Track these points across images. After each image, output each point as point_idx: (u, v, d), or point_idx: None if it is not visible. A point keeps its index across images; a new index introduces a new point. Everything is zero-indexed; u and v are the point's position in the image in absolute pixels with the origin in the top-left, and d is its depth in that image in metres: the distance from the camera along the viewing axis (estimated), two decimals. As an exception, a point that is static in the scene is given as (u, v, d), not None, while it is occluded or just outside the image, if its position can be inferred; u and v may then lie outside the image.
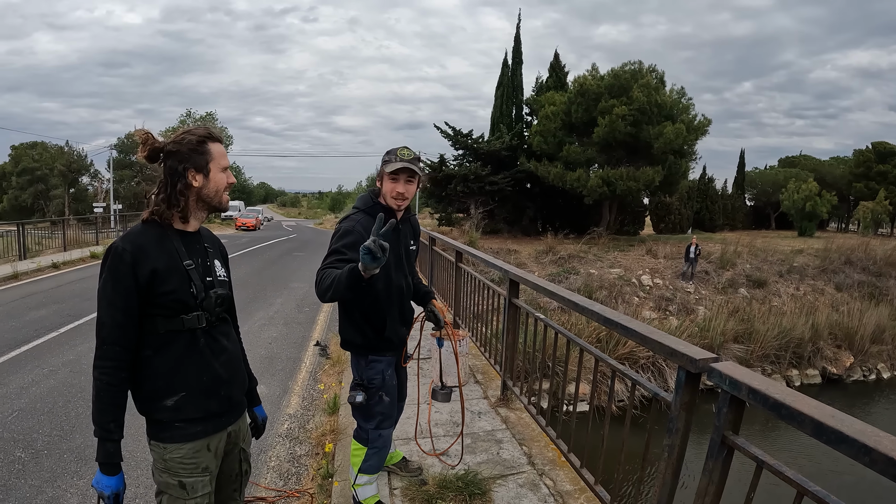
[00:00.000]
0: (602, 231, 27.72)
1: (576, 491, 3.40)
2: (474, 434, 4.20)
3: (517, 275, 4.78)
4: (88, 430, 4.58)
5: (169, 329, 1.99)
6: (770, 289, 22.53)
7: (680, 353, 2.30)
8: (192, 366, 2.03)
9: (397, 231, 2.88)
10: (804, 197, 38.94)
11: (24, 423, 4.76)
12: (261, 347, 7.21)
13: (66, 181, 50.72)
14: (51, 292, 10.74)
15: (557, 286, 4.16)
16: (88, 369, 6.09)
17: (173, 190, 2.01)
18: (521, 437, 4.15)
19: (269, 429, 4.68)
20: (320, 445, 4.30)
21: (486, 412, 4.69)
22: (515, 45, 30.42)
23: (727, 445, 2.05)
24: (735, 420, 2.06)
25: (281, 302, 10.15)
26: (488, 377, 5.60)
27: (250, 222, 37.99)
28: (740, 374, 1.98)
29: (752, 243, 26.51)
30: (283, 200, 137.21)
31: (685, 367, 2.26)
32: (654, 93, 25.02)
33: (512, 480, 3.52)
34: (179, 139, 2.06)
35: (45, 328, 7.86)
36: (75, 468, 4.04)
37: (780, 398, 1.76)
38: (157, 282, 1.93)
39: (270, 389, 5.69)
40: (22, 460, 4.14)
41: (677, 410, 2.31)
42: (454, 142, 29.31)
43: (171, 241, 2.02)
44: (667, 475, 2.37)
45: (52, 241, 18.21)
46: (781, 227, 46.13)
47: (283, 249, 21.70)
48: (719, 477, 2.09)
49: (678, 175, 27.82)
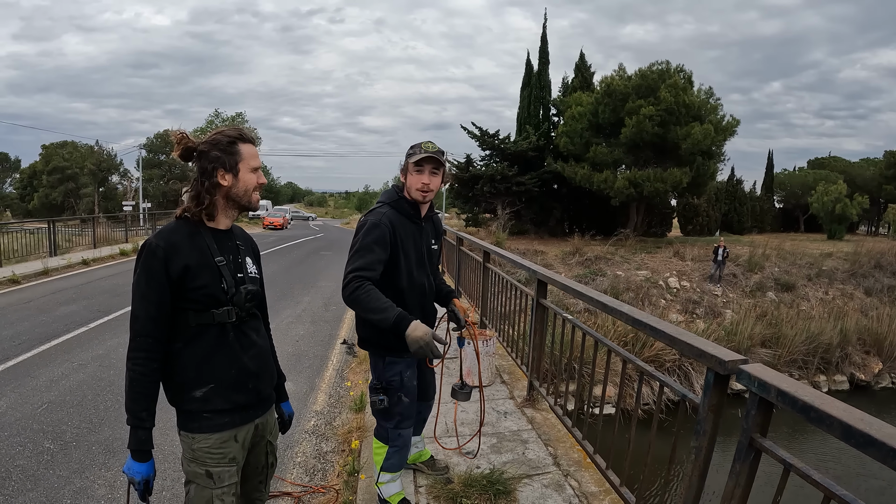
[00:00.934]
0: (629, 233, 27.45)
1: (601, 493, 3.37)
2: (500, 434, 4.17)
3: (545, 275, 4.72)
4: (117, 423, 4.63)
5: (199, 322, 2.04)
6: (798, 292, 22.17)
7: (709, 355, 2.26)
8: (222, 358, 2.07)
9: (420, 229, 2.93)
10: (833, 199, 38.22)
11: (53, 416, 4.82)
12: (288, 345, 7.23)
13: (95, 180, 51.71)
14: (81, 288, 10.91)
15: (586, 287, 4.11)
16: (118, 364, 6.21)
17: (201, 188, 2.08)
18: (546, 438, 4.11)
19: (295, 425, 4.70)
20: (346, 442, 4.29)
21: (511, 412, 4.65)
22: (542, 45, 30.31)
23: (755, 448, 2.03)
24: (763, 423, 2.03)
25: (308, 300, 10.19)
26: (514, 377, 5.56)
27: (278, 221, 38.29)
28: (769, 376, 1.96)
29: (780, 246, 26.12)
30: (309, 200, 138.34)
31: (714, 369, 2.23)
32: (682, 93, 24.73)
33: (537, 480, 3.50)
34: (211, 139, 2.12)
35: (75, 323, 7.98)
36: (103, 460, 4.07)
37: (810, 401, 1.74)
38: (188, 277, 1.99)
39: (298, 386, 5.70)
40: (51, 451, 4.19)
41: (705, 412, 2.29)
42: (481, 142, 29.28)
43: (203, 238, 2.08)
44: (693, 477, 2.35)
45: (81, 239, 18.54)
46: (810, 230, 45.30)
47: (310, 248, 21.83)
48: (746, 480, 2.07)
49: (706, 176, 27.46)
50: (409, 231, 2.86)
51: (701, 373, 12.76)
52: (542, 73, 30.21)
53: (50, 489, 3.68)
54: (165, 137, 54.58)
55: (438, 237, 3.14)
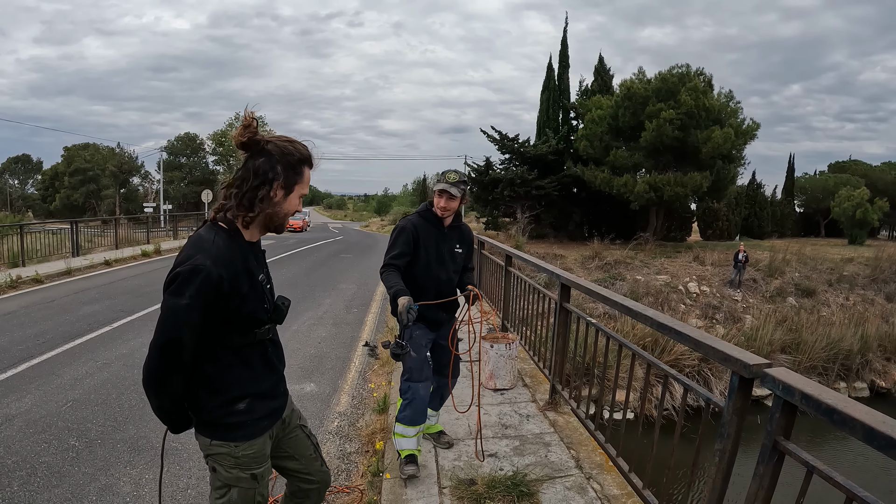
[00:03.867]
0: (649, 237, 27.24)
1: (623, 496, 3.39)
2: (522, 437, 4.19)
3: (569, 279, 4.72)
4: (142, 422, 4.66)
5: (244, 344, 2.01)
6: (819, 298, 21.90)
7: (734, 359, 2.29)
8: (264, 373, 2.09)
9: (443, 234, 3.63)
10: (855, 204, 37.73)
11: (78, 413, 4.87)
12: (310, 346, 7.26)
13: (116, 181, 52.37)
14: (103, 288, 11.03)
15: (609, 291, 4.10)
16: (141, 363, 6.22)
17: (254, 193, 1.94)
18: (568, 441, 4.12)
19: (319, 426, 4.73)
20: (370, 443, 4.30)
21: (534, 415, 4.66)
22: (562, 48, 30.21)
23: (778, 451, 2.07)
24: (787, 425, 2.07)
25: (330, 302, 10.21)
26: (536, 381, 5.56)
27: (297, 224, 38.44)
28: (793, 379, 2.00)
29: (800, 251, 25.83)
30: (329, 203, 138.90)
31: (738, 373, 2.27)
32: (702, 96, 24.53)
33: (559, 483, 3.51)
34: (284, 148, 1.99)
35: (99, 322, 8.06)
36: (128, 458, 4.10)
37: (833, 403, 1.79)
38: (242, 305, 1.94)
39: (321, 388, 5.72)
40: (76, 448, 4.22)
41: (729, 415, 2.33)
42: (500, 146, 29.23)
43: (249, 258, 1.99)
44: (717, 480, 2.39)
45: (102, 240, 18.77)
46: (831, 235, 44.75)
47: (330, 251, 21.91)
48: (769, 482, 2.11)
49: (726, 180, 27.23)
50: (432, 234, 3.58)
51: (720, 378, 12.67)
52: (562, 77, 30.11)
53: (76, 486, 3.72)
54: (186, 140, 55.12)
55: (464, 243, 3.76)
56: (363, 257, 19.96)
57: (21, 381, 5.62)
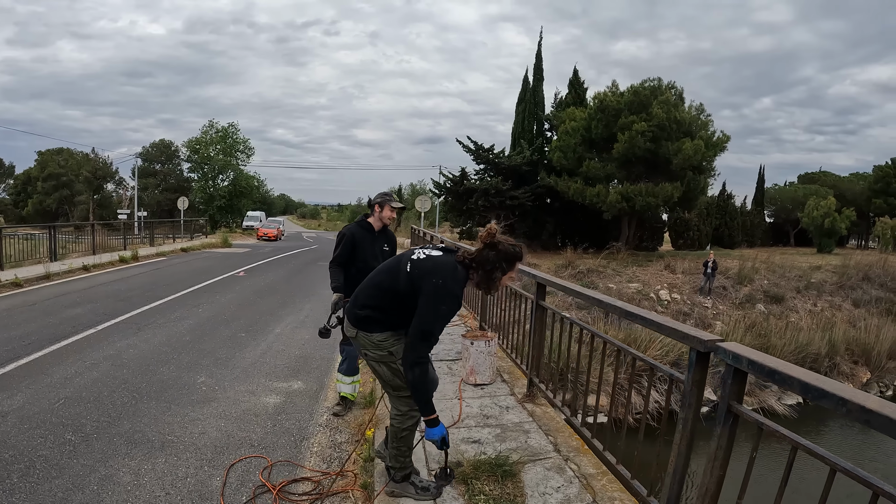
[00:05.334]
0: (621, 246, 27.72)
1: (598, 473, 3.66)
2: (503, 425, 4.45)
3: (544, 278, 5.03)
4: (136, 417, 4.82)
5: None
6: (787, 304, 22.53)
7: (691, 336, 2.64)
8: None
9: (374, 237, 5.00)
10: (823, 213, 38.75)
11: (71, 410, 4.98)
12: (295, 348, 7.43)
13: (90, 187, 51.73)
14: (84, 292, 11.06)
15: (581, 286, 4.40)
16: (130, 363, 6.43)
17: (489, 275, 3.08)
18: (546, 429, 4.39)
19: (309, 419, 4.94)
20: (360, 433, 4.51)
21: (513, 407, 4.92)
22: (537, 61, 30.71)
23: (733, 413, 2.38)
24: (739, 391, 2.39)
25: (310, 307, 10.37)
26: (514, 377, 5.81)
27: (272, 232, 38.34)
28: (741, 350, 2.33)
29: (769, 259, 26.47)
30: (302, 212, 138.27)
31: (696, 348, 2.60)
32: (674, 109, 25.10)
33: (539, 465, 3.78)
34: (508, 248, 3.11)
35: (83, 325, 8.14)
36: (126, 450, 4.25)
37: (774, 366, 2.13)
38: None
39: (308, 385, 5.93)
40: (73, 442, 4.36)
41: (690, 386, 2.64)
42: (475, 156, 29.56)
43: None
44: (681, 446, 2.69)
45: (77, 246, 18.68)
46: (801, 244, 45.77)
47: (306, 259, 21.96)
48: (727, 441, 2.41)
49: (697, 191, 27.79)
50: (367, 238, 4.95)
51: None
52: (537, 89, 30.59)
53: (76, 476, 3.85)
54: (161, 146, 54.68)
55: (390, 243, 5.16)
56: (341, 265, 20.07)
57: (10, 380, 5.70)
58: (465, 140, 29.60)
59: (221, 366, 6.48)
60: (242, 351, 7.16)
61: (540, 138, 30.45)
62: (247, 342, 7.62)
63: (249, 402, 5.36)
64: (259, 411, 5.12)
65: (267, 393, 5.62)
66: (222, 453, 4.24)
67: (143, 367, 6.33)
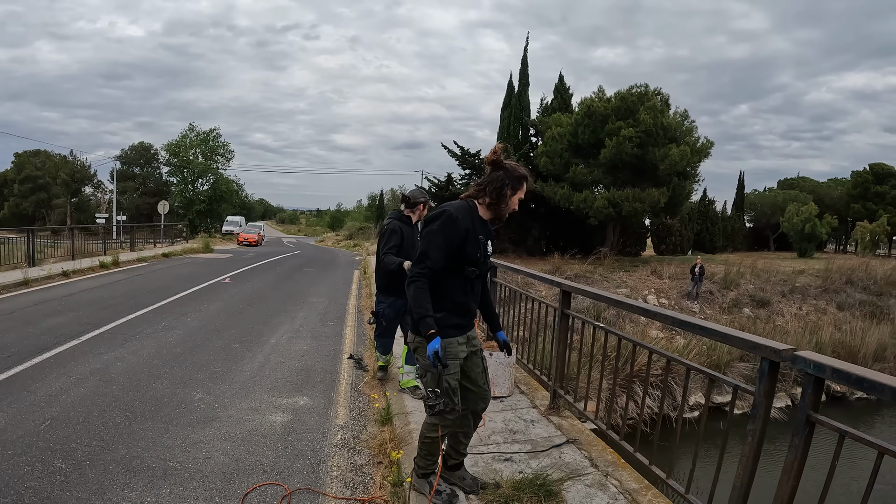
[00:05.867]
0: (607, 251, 27.66)
1: (642, 489, 3.53)
2: (533, 441, 4.25)
3: (571, 286, 4.81)
4: (131, 441, 4.40)
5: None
6: (773, 308, 22.65)
7: (763, 346, 2.54)
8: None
9: (413, 229, 5.49)
10: (804, 219, 39.18)
11: (59, 433, 4.54)
12: (294, 360, 7.04)
13: (68, 191, 50.60)
14: (65, 300, 10.56)
15: (620, 296, 4.21)
16: (118, 378, 5.99)
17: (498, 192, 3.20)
18: (578, 443, 4.20)
19: (322, 439, 4.57)
20: (382, 454, 4.18)
21: (538, 420, 4.71)
22: (522, 67, 30.63)
23: (811, 423, 2.32)
24: (816, 400, 2.33)
25: (303, 316, 9.97)
26: (532, 388, 5.59)
27: (252, 238, 37.77)
28: (822, 358, 2.27)
29: (754, 264, 26.58)
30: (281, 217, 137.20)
31: (768, 358, 2.51)
32: (660, 115, 25.18)
33: (579, 482, 3.60)
34: (513, 167, 3.24)
35: (65, 336, 7.67)
36: (124, 479, 3.83)
37: (862, 374, 2.09)
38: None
39: (315, 401, 5.52)
40: (63, 471, 3.93)
41: (760, 398, 2.56)
42: (461, 161, 29.38)
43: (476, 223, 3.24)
44: (749, 458, 2.60)
45: (54, 250, 18.00)
46: (781, 249, 46.36)
47: (292, 265, 21.52)
48: (802, 452, 2.36)
49: (682, 196, 27.91)
50: (409, 231, 5.44)
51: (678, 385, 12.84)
52: (522, 94, 30.50)
53: (70, 511, 3.46)
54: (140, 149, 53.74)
55: None
56: (327, 271, 19.68)
57: (-11, 398, 5.27)
58: (451, 145, 29.52)
59: (218, 380, 6.06)
60: (239, 364, 6.75)
61: (526, 144, 30.32)
62: (242, 354, 7.21)
63: (254, 420, 4.94)
64: (266, 431, 4.71)
65: (272, 410, 5.21)
66: (233, 481, 3.84)
67: (134, 382, 5.89)
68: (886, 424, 14.20)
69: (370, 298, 6.86)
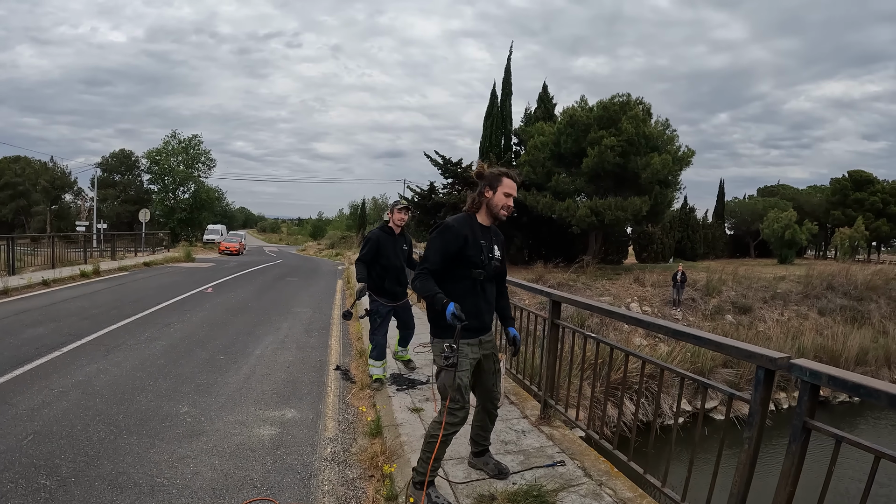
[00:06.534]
0: (590, 260, 27.79)
1: (637, 497, 3.55)
2: (525, 451, 4.25)
3: (560, 296, 4.83)
4: (117, 456, 4.32)
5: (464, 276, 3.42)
6: (755, 314, 22.90)
7: (759, 355, 2.58)
8: None
9: (395, 239, 6.07)
10: (784, 225, 39.67)
11: (42, 448, 4.43)
12: (280, 371, 6.97)
13: (48, 197, 49.85)
14: (46, 310, 10.39)
15: (613, 306, 4.25)
16: (102, 391, 5.91)
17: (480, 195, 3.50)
18: (570, 452, 4.20)
19: (312, 453, 4.52)
20: (373, 467, 4.13)
21: (529, 430, 4.71)
22: (505, 76, 30.74)
23: (807, 429, 2.36)
24: (812, 407, 2.37)
25: (288, 326, 9.89)
26: (521, 398, 5.59)
27: (234, 247, 37.43)
28: (819, 366, 2.32)
29: (735, 271, 26.83)
30: (262, 226, 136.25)
31: (764, 366, 2.55)
32: (642, 124, 25.37)
33: (573, 492, 3.61)
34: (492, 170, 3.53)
35: (47, 347, 7.53)
36: (111, 496, 3.74)
37: (858, 381, 2.13)
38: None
39: (303, 413, 5.46)
40: (48, 488, 3.84)
41: (756, 405, 2.59)
42: (443, 170, 29.39)
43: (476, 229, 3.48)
44: (745, 465, 2.63)
45: (34, 259, 17.73)
46: (761, 255, 46.88)
47: (274, 274, 21.36)
48: (799, 458, 2.39)
49: (664, 205, 28.14)
50: (389, 240, 6.01)
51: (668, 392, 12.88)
52: (505, 103, 30.61)
53: (55, 529, 3.39)
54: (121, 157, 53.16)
55: (408, 243, 6.30)
56: (310, 281, 19.56)
57: (-31, 412, 5.15)
58: (434, 154, 29.53)
59: (204, 393, 5.98)
60: (224, 376, 6.66)
61: (508, 153, 30.42)
62: (227, 366, 7.13)
63: (242, 434, 4.87)
64: (255, 445, 4.64)
65: (259, 423, 5.14)
66: (223, 497, 3.77)
67: (118, 395, 5.80)
68: (869, 425, 14.53)
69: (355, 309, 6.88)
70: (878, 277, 26.14)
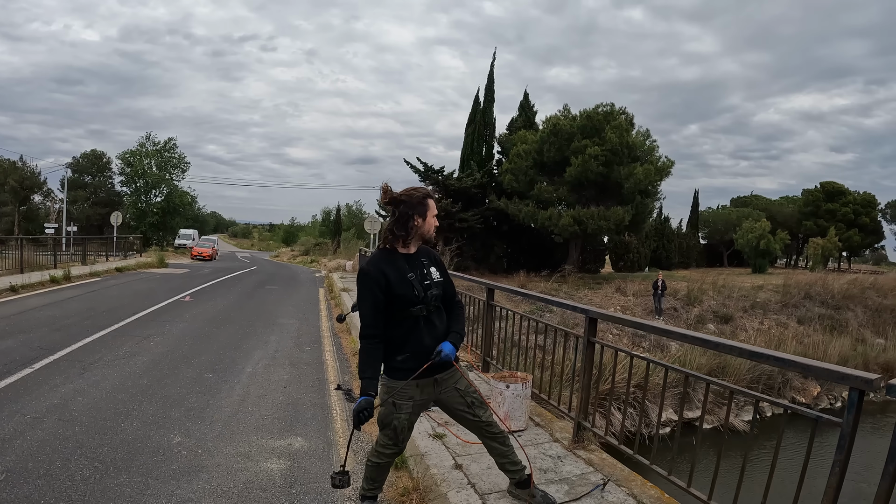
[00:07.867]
0: (571, 269, 27.64)
1: None
2: (567, 479, 3.91)
3: (598, 313, 4.49)
4: (105, 501, 3.73)
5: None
6: (736, 323, 23.02)
7: (853, 376, 2.49)
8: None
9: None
10: (758, 235, 40.23)
11: (17, 491, 3.79)
12: (277, 391, 6.41)
13: (17, 198, 48.05)
14: (13, 319, 9.68)
15: (661, 323, 3.95)
16: (81, 418, 5.26)
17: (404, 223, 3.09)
18: (615, 479, 3.90)
19: (331, 490, 3.97)
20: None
21: (564, 455, 4.35)
22: (488, 83, 30.50)
23: None
24: None
25: (276, 340, 9.31)
26: (546, 419, 5.21)
27: (206, 252, 36.59)
28: None
29: (714, 281, 26.92)
30: (234, 231, 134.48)
31: (858, 388, 2.45)
32: (626, 134, 25.35)
33: None
34: (411, 193, 3.13)
35: (16, 363, 6.87)
36: (104, 549, 3.21)
37: None
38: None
39: (312, 442, 4.89)
40: (27, 540, 3.28)
41: (848, 428, 2.48)
42: (424, 177, 28.99)
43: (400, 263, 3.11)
44: (833, 488, 2.53)
45: (1, 262, 16.72)
46: (734, 265, 47.47)
47: (252, 282, 20.67)
48: (892, 478, 2.29)
49: (645, 214, 28.25)
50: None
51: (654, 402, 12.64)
52: (487, 111, 30.34)
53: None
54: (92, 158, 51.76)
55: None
56: (290, 289, 18.89)
57: (-69, 443, 4.51)
58: (415, 161, 29.14)
59: (196, 419, 5.39)
60: (216, 398, 6.07)
61: (490, 161, 30.15)
62: (218, 386, 6.54)
63: (248, 470, 4.28)
64: (265, 483, 4.06)
65: (265, 456, 4.55)
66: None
67: (99, 422, 5.18)
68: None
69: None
70: (853, 287, 26.55)
